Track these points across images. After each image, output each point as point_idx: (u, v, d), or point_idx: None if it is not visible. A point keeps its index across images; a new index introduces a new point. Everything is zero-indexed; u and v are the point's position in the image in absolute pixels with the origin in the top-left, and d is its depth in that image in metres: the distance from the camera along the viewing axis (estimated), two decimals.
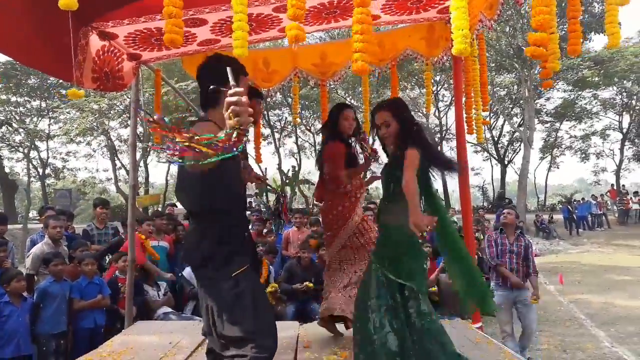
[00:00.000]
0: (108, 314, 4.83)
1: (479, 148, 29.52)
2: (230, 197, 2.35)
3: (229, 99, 1.64)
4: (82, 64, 3.41)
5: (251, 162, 3.50)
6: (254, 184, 2.93)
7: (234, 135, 1.63)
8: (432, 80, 19.67)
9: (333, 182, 3.30)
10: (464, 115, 4.00)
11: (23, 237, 14.24)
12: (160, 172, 68.14)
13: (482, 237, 9.74)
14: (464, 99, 4.03)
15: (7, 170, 23.75)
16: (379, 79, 16.24)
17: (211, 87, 2.05)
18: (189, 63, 4.36)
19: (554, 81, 22.07)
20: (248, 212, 4.78)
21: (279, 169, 23.67)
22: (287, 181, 21.11)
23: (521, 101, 22.73)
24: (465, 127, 3.99)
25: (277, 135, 25.07)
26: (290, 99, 20.14)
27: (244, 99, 1.63)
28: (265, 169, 3.75)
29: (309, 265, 5.58)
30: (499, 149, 29.60)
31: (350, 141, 3.43)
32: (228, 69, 1.78)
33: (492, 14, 3.26)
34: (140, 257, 4.96)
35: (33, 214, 26.94)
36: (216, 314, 2.24)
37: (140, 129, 17.15)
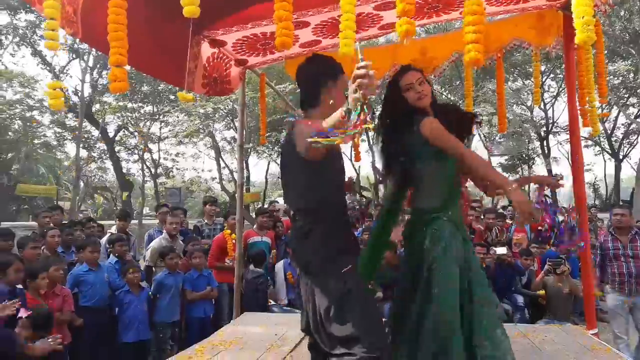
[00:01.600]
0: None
1: (590, 142, 27.26)
2: (334, 190, 2.37)
3: (356, 72, 1.61)
4: (194, 71, 3.65)
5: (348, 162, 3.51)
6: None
7: (358, 110, 1.62)
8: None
9: None
10: (578, 108, 3.74)
11: (139, 232, 15.47)
12: (260, 171, 70.57)
13: (594, 237, 9.10)
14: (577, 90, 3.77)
15: (124, 170, 25.90)
16: (478, 71, 15.57)
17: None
18: (290, 65, 4.49)
19: None
20: None
21: (373, 167, 23.56)
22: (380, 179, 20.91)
23: (638, 90, 20.69)
24: (580, 120, 3.73)
25: (370, 133, 24.95)
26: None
27: (372, 71, 1.61)
28: (358, 175, 3.70)
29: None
30: (613, 142, 27.17)
31: None
32: (357, 44, 1.84)
33: None
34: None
35: (146, 210, 29.22)
36: (324, 312, 2.22)
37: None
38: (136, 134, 23.13)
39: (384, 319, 2.49)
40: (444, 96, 19.82)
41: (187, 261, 5.22)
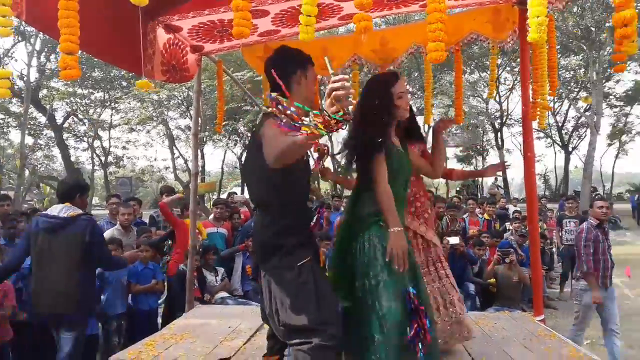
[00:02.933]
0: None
1: (541, 134, 28.30)
2: (300, 190, 2.46)
3: (332, 85, 1.66)
4: (152, 57, 3.52)
5: None
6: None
7: (335, 120, 1.67)
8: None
9: None
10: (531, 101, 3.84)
11: None
12: (216, 160, 69.62)
13: (544, 227, 9.48)
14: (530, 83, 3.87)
15: (72, 159, 24.97)
16: (436, 64, 15.79)
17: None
18: (248, 53, 4.40)
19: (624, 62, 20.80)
20: None
21: (332, 156, 23.67)
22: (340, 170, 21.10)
23: (588, 84, 21.54)
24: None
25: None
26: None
27: (347, 83, 1.66)
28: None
29: None
30: (563, 135, 28.30)
31: None
32: (326, 58, 1.84)
33: None
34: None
35: (95, 200, 28.33)
36: (279, 302, 2.28)
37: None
38: (86, 121, 22.34)
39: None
40: None
41: (134, 253, 5.04)
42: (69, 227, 3.37)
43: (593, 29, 17.96)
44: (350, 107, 1.67)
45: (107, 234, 5.13)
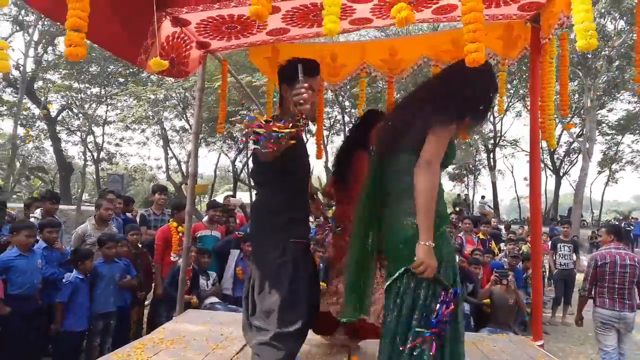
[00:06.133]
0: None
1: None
2: (302, 170, 2.60)
3: (295, 91, 1.94)
4: (149, 48, 3.40)
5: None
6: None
7: (294, 123, 1.96)
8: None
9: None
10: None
11: (76, 218, 14.79)
12: (210, 163, 69.51)
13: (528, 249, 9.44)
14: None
15: (64, 153, 24.70)
16: None
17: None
18: (255, 53, 4.32)
19: (618, 92, 21.01)
20: None
21: (326, 167, 23.62)
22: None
23: (582, 111, 21.75)
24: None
25: (325, 133, 25.00)
26: (341, 98, 20.06)
27: (305, 92, 1.93)
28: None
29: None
30: (555, 159, 28.50)
31: None
32: (299, 65, 2.08)
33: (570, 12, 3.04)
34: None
35: (86, 196, 28.01)
36: (257, 280, 2.38)
37: (192, 120, 17.39)
38: (80, 116, 22.12)
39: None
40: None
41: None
42: None
43: (589, 56, 18.12)
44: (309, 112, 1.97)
45: (80, 229, 5.01)
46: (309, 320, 2.43)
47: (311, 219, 3.21)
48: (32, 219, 5.56)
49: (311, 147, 4.43)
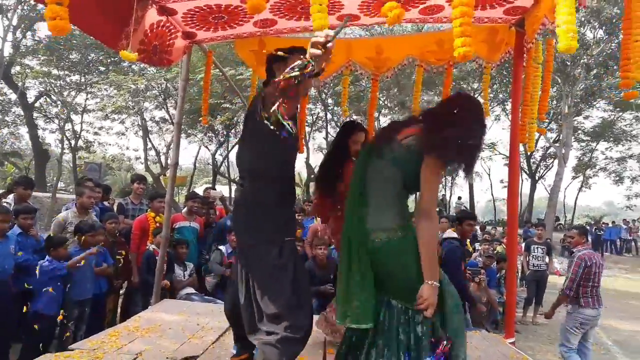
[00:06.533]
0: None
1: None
2: (288, 160, 2.51)
3: (314, 40, 1.80)
4: (130, 34, 3.36)
5: None
6: None
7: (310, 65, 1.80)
8: (470, 87, 19.18)
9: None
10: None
11: (51, 206, 14.52)
12: (189, 155, 68.71)
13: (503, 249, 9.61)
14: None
15: (40, 140, 24.18)
16: (414, 81, 15.91)
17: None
18: (241, 46, 4.30)
19: (594, 99, 21.44)
20: None
21: (307, 163, 23.62)
22: (313, 177, 21.06)
23: (559, 117, 22.14)
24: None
25: (307, 129, 24.97)
26: (324, 95, 20.04)
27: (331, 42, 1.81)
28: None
29: (325, 264, 5.09)
30: (531, 164, 28.98)
31: None
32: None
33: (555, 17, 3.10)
34: None
35: (61, 184, 27.47)
36: (257, 284, 2.29)
37: (173, 112, 17.36)
38: (59, 103, 21.68)
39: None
40: (380, 102, 20.14)
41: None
42: None
43: (568, 63, 18.44)
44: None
45: (61, 216, 4.94)
46: (312, 321, 2.37)
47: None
48: (4, 204, 5.44)
49: None
